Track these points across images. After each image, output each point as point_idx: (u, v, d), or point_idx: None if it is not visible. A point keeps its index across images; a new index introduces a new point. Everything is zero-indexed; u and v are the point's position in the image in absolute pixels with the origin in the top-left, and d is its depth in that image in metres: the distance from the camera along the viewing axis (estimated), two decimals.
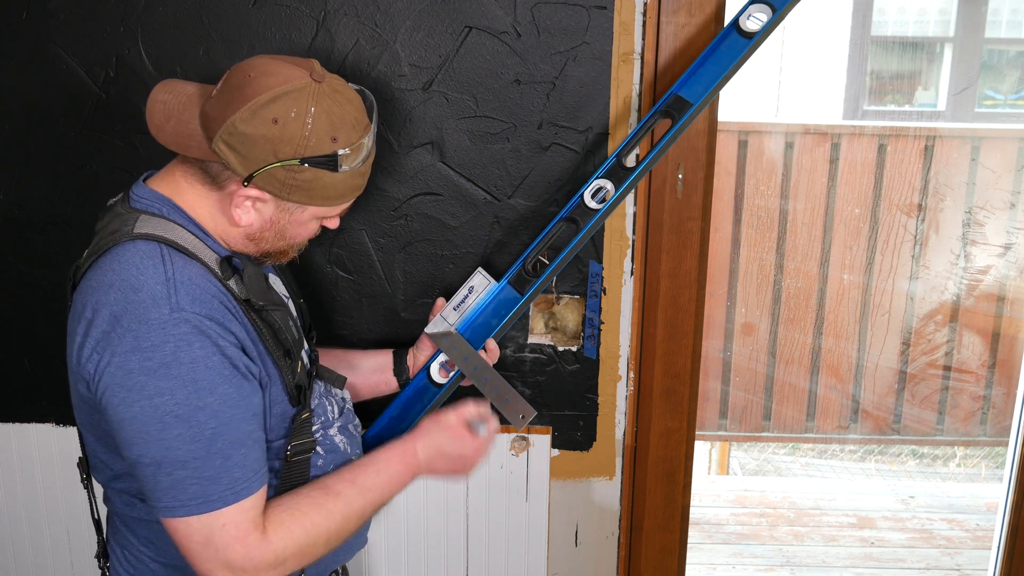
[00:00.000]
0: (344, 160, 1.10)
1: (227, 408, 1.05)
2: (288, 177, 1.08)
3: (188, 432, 1.03)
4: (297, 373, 1.19)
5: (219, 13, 1.51)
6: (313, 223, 1.17)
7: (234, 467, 1.06)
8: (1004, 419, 3.32)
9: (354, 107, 1.12)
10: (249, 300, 1.12)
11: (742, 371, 3.33)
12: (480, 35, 1.50)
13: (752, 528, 3.26)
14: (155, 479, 1.04)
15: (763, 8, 1.36)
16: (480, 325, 1.45)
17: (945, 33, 4.39)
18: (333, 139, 1.08)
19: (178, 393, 1.02)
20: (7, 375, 1.70)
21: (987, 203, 3.12)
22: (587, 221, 1.42)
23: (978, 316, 3.22)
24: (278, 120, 1.05)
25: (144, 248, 1.07)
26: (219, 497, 1.05)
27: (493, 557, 1.75)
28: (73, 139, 1.57)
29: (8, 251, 1.64)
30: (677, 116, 1.38)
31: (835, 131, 3.25)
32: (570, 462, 1.72)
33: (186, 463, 1.03)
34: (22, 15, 1.52)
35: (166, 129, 1.11)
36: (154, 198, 1.13)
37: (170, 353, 1.02)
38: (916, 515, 3.36)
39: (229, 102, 1.06)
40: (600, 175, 1.42)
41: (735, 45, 1.38)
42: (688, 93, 1.39)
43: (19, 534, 1.78)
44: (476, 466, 1.30)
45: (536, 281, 1.44)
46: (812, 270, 3.21)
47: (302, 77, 1.08)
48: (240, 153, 1.06)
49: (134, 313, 1.03)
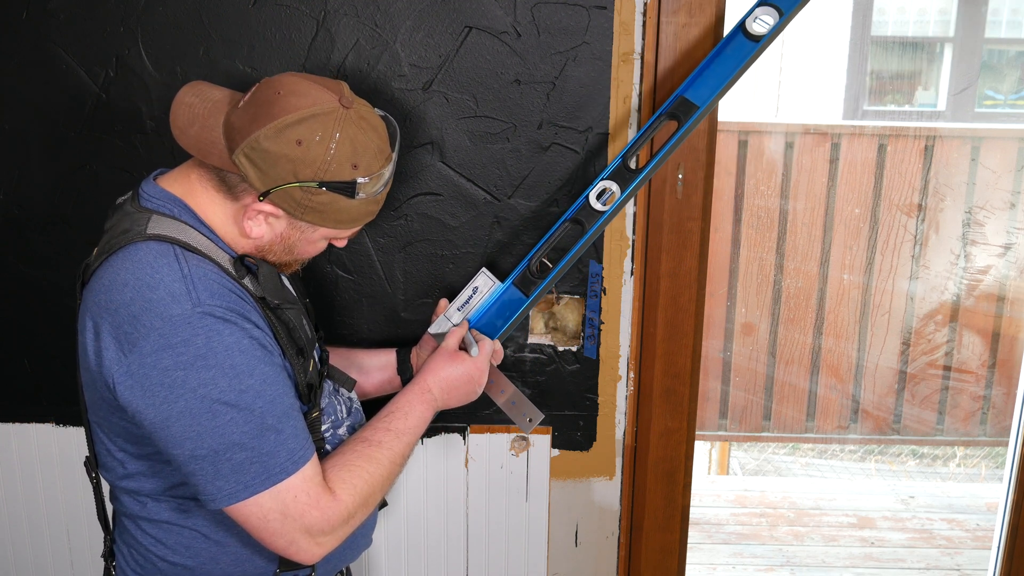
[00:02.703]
0: (362, 188, 1.11)
1: (269, 386, 1.07)
2: (304, 198, 1.09)
3: (239, 415, 1.04)
4: (309, 372, 1.20)
5: (219, 13, 1.51)
6: (322, 242, 1.19)
7: (288, 439, 1.07)
8: (1004, 419, 3.32)
9: (378, 135, 1.13)
10: (264, 298, 1.13)
11: (742, 371, 3.33)
12: (480, 35, 1.50)
13: (752, 528, 3.26)
14: (215, 468, 1.05)
15: (770, 11, 1.36)
16: (485, 326, 1.45)
17: (945, 33, 4.39)
18: (354, 166, 1.09)
19: (220, 381, 1.03)
20: (7, 375, 1.70)
21: (987, 203, 3.12)
22: (592, 223, 1.41)
23: (978, 316, 3.22)
24: (302, 142, 1.06)
25: (157, 248, 1.07)
26: (281, 469, 1.06)
27: (493, 557, 1.75)
28: (73, 139, 1.57)
29: (8, 251, 1.64)
30: (683, 119, 1.38)
31: (835, 131, 3.25)
32: (570, 462, 1.72)
33: (243, 445, 1.04)
34: (22, 15, 1.52)
35: (189, 133, 1.11)
36: (166, 199, 1.13)
37: (203, 344, 1.03)
38: (916, 515, 3.36)
39: (256, 117, 1.07)
40: (605, 177, 1.42)
41: (741, 48, 1.37)
42: (694, 95, 1.38)
43: (19, 534, 1.78)
44: (482, 385, 1.36)
45: (542, 282, 1.43)
46: (812, 270, 3.21)
47: (331, 101, 1.08)
48: (260, 168, 1.07)
49: (155, 311, 1.03)
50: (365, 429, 1.23)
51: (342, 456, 1.17)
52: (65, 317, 1.65)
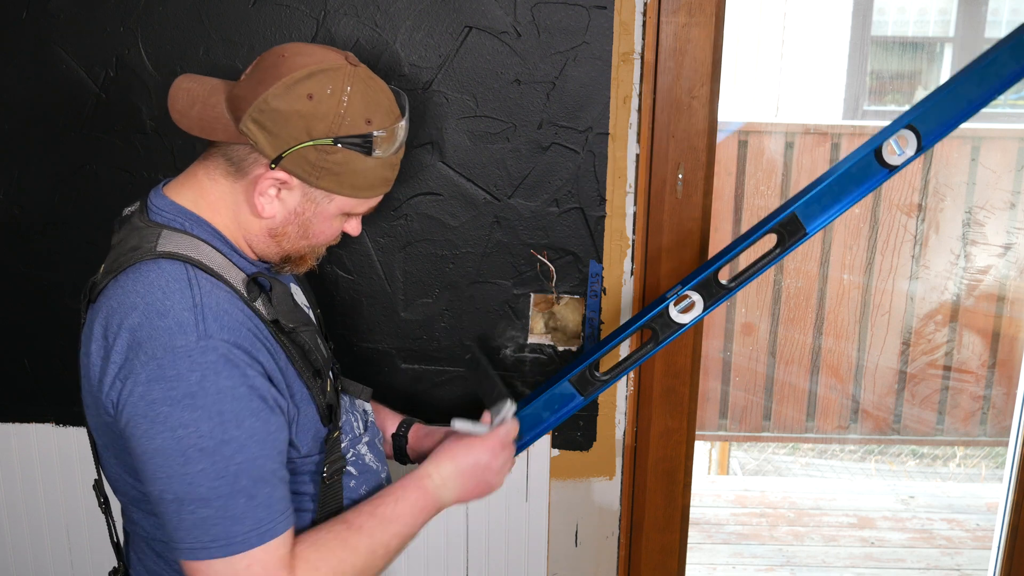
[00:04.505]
0: (378, 144, 1.06)
1: (253, 443, 0.99)
2: (319, 158, 1.04)
3: (212, 468, 0.97)
4: (327, 392, 1.15)
5: (219, 13, 1.51)
6: (337, 220, 1.12)
7: (259, 507, 0.99)
8: (1004, 419, 3.32)
9: (387, 96, 1.09)
10: (277, 321, 1.08)
11: (742, 371, 3.33)
12: (480, 35, 1.50)
13: (752, 528, 3.26)
14: (177, 517, 0.98)
15: (909, 136, 1.23)
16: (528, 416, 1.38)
17: (945, 33, 4.40)
18: (368, 120, 1.05)
19: (203, 425, 0.96)
20: (7, 375, 1.71)
21: (987, 203, 3.12)
22: (668, 335, 1.34)
23: (978, 316, 3.22)
24: (313, 96, 1.02)
25: (169, 269, 1.02)
26: (243, 539, 0.98)
27: (493, 557, 1.75)
28: (73, 139, 1.57)
29: (8, 251, 1.64)
30: (787, 241, 1.30)
31: (835, 131, 3.26)
32: (570, 462, 1.72)
33: (209, 501, 0.97)
34: (22, 15, 1.52)
35: (190, 115, 1.07)
36: (176, 211, 1.08)
37: (196, 383, 0.96)
38: (916, 515, 3.36)
39: (261, 80, 1.03)
40: (691, 287, 1.33)
41: (870, 173, 1.25)
42: (806, 217, 1.28)
43: (19, 534, 1.78)
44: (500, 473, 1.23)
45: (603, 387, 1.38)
46: (812, 270, 3.21)
47: (338, 58, 1.05)
48: (270, 131, 1.02)
49: (159, 340, 0.97)
50: (350, 511, 1.14)
51: (318, 533, 1.08)
52: (65, 317, 1.65)
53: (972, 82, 1.21)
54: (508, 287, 1.61)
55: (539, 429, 1.39)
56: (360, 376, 1.49)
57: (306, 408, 1.11)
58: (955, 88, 1.22)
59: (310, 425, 1.12)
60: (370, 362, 1.65)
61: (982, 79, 1.21)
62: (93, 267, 1.67)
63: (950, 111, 1.23)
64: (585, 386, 1.38)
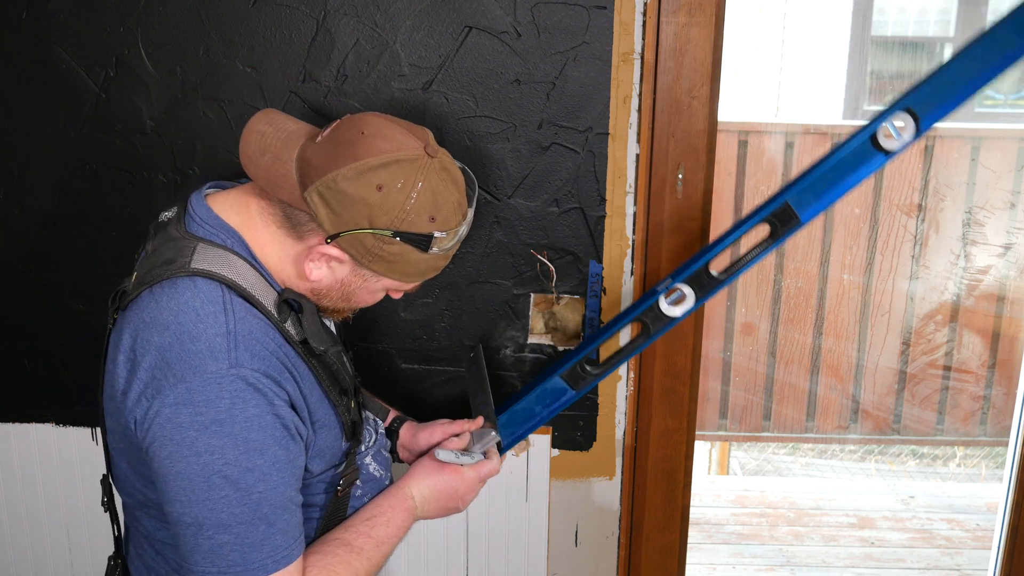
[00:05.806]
0: (436, 243, 1.06)
1: (275, 471, 1.01)
2: (376, 246, 1.04)
3: (235, 495, 0.98)
4: (352, 409, 1.16)
5: (219, 13, 1.51)
6: (380, 292, 1.14)
7: (276, 534, 1.01)
8: (1004, 419, 3.32)
9: (458, 189, 1.08)
10: (306, 341, 1.08)
11: (742, 371, 3.33)
12: (480, 35, 1.50)
13: (752, 528, 3.26)
14: (195, 541, 0.99)
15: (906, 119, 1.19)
16: (522, 411, 1.38)
17: (945, 33, 4.40)
18: (431, 219, 1.04)
19: (228, 453, 0.97)
20: (7, 375, 1.70)
21: (987, 203, 3.12)
22: (659, 327, 1.33)
23: (978, 316, 3.22)
24: (383, 187, 1.01)
25: (206, 290, 1.01)
26: (260, 566, 1.00)
27: (493, 557, 1.75)
28: (73, 139, 1.57)
29: (8, 251, 1.64)
30: (780, 230, 1.27)
31: (835, 131, 3.26)
32: (570, 462, 1.72)
33: (229, 527, 0.98)
34: (22, 15, 1.52)
35: (259, 163, 1.05)
36: (220, 228, 1.07)
37: (224, 410, 0.97)
38: (916, 515, 3.36)
39: (335, 155, 1.01)
40: (681, 280, 1.31)
41: (866, 159, 1.22)
42: (799, 205, 1.25)
43: (19, 534, 1.78)
44: (467, 503, 1.28)
45: (594, 380, 1.39)
46: (812, 270, 3.21)
47: (416, 148, 1.04)
48: (333, 210, 1.01)
49: (189, 363, 0.97)
50: (347, 531, 1.16)
51: (323, 557, 1.10)
52: (65, 317, 1.65)
53: (973, 61, 1.17)
54: (508, 287, 1.61)
55: (532, 423, 1.40)
56: (360, 376, 1.49)
57: (324, 432, 1.12)
58: (955, 68, 1.19)
59: (326, 447, 1.13)
60: (370, 362, 1.65)
61: (984, 57, 1.17)
62: (93, 267, 1.67)
63: (950, 92, 1.19)
64: (576, 380, 1.39)
